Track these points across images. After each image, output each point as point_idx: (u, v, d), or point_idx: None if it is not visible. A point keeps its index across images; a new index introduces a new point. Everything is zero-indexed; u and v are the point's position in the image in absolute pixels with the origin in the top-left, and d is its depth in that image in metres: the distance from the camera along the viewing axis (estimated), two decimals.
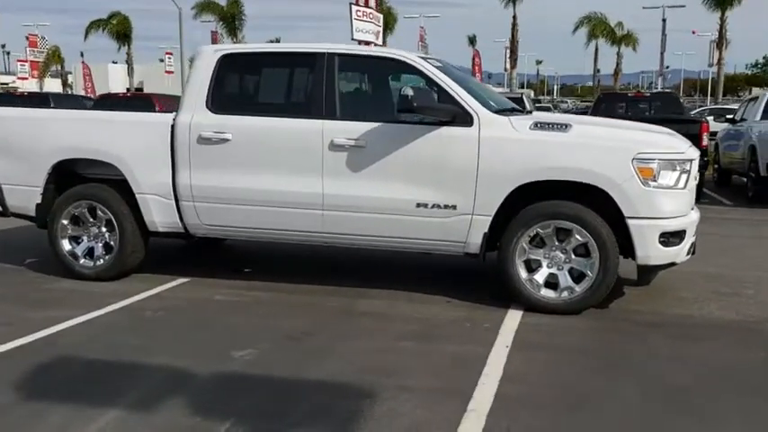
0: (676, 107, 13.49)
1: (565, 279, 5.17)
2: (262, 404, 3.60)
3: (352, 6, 19.00)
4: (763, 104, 12.74)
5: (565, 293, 5.15)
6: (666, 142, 5.27)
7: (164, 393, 3.70)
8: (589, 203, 5.09)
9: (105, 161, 5.87)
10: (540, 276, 5.20)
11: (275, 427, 3.35)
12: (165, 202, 5.82)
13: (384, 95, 5.97)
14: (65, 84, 56.02)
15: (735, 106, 34.26)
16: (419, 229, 5.36)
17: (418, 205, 5.30)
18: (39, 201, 6.12)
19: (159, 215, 5.87)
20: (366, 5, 19.44)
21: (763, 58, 72.01)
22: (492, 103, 5.52)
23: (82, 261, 6.09)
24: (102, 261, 6.04)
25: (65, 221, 6.07)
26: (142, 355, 4.26)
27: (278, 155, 5.54)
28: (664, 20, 37.10)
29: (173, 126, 5.73)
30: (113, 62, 78.58)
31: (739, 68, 78.45)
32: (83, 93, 42.35)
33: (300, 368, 4.09)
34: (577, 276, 5.16)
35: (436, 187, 5.25)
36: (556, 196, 5.19)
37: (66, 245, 6.10)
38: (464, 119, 5.21)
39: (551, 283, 5.20)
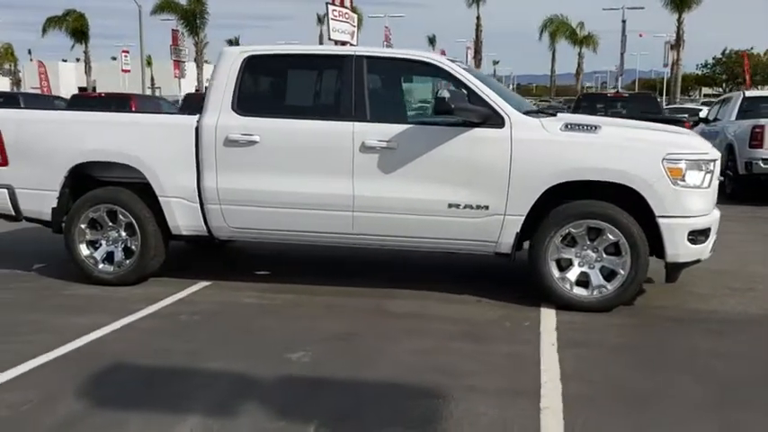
0: (654, 107, 13.84)
1: (596, 277, 5.28)
2: (337, 406, 3.61)
3: (329, 6, 19.02)
4: (738, 105, 13.18)
5: (597, 291, 5.27)
6: (691, 143, 5.42)
7: (235, 398, 3.69)
8: (616, 203, 5.22)
9: (127, 164, 5.78)
10: (571, 275, 5.31)
11: (360, 428, 3.36)
12: (189, 206, 5.76)
13: (412, 97, 6.00)
14: (17, 83, 54.51)
15: (692, 106, 35.16)
16: (451, 230, 5.42)
17: (450, 206, 5.35)
18: (54, 205, 5.99)
19: (183, 218, 5.80)
20: (342, 5, 19.45)
21: (713, 58, 74.06)
22: (519, 106, 5.60)
23: (101, 266, 5.98)
24: (122, 266, 5.94)
25: (83, 225, 5.95)
26: (196, 360, 4.23)
27: (308, 157, 5.53)
28: (623, 21, 37.92)
29: (197, 128, 5.67)
30: (63, 60, 76.84)
31: (689, 68, 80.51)
32: (31, 92, 41.29)
33: (360, 369, 4.11)
34: (607, 275, 5.28)
35: (468, 188, 5.31)
36: (581, 196, 5.30)
37: (84, 249, 5.99)
38: (496, 121, 5.29)
39: (582, 281, 5.32)
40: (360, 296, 5.69)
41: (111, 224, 5.97)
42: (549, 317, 5.15)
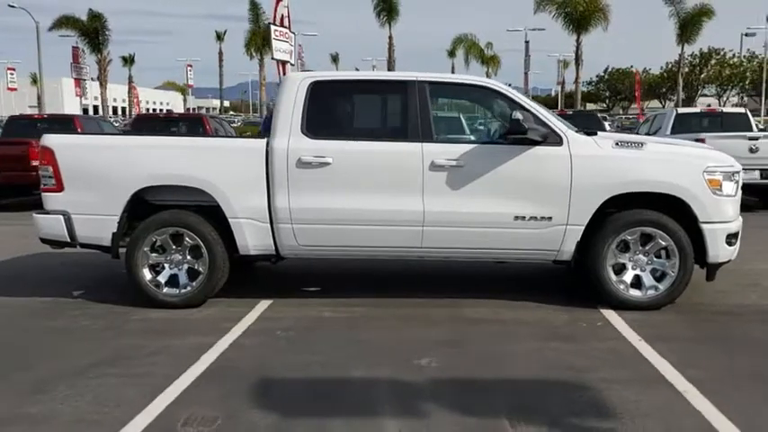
0: (597, 124, 14.91)
1: (648, 279, 5.88)
2: (507, 401, 3.95)
3: (272, 26, 19.21)
4: (672, 121, 14.47)
5: (650, 292, 5.86)
6: (722, 157, 6.13)
7: (412, 400, 3.97)
8: (661, 211, 5.85)
9: (197, 187, 5.86)
10: (627, 278, 5.88)
11: (548, 417, 3.73)
12: (260, 226, 5.92)
13: (474, 119, 6.42)
14: None
15: None
16: (516, 240, 5.87)
17: (516, 218, 5.80)
18: (115, 230, 5.97)
19: (253, 238, 5.95)
20: (281, 25, 19.64)
21: (597, 76, 78.80)
22: (569, 126, 6.14)
23: (165, 290, 6.01)
24: (188, 288, 6.00)
25: (146, 249, 5.98)
26: (335, 370, 4.47)
27: (379, 176, 5.84)
28: (527, 42, 39.98)
29: (267, 151, 5.85)
30: None
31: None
32: None
33: (496, 370, 4.47)
34: (657, 276, 5.88)
35: (532, 201, 5.79)
36: (628, 206, 5.88)
37: (147, 273, 6.01)
38: (554, 139, 5.81)
39: (634, 283, 5.90)
40: (429, 306, 6.04)
41: (174, 247, 6.02)
42: (612, 316, 5.69)
